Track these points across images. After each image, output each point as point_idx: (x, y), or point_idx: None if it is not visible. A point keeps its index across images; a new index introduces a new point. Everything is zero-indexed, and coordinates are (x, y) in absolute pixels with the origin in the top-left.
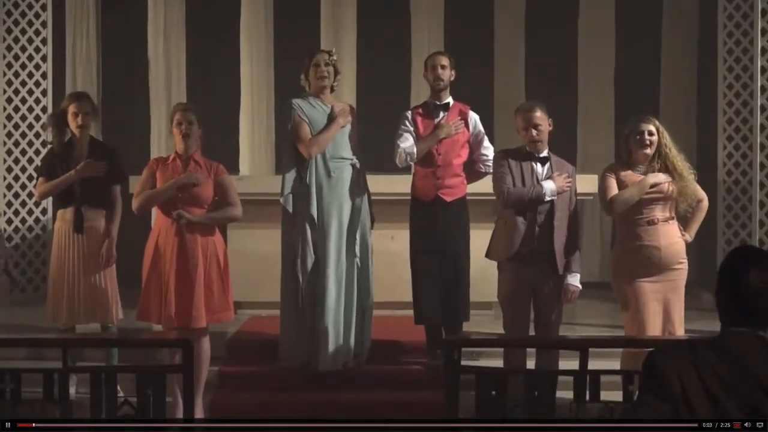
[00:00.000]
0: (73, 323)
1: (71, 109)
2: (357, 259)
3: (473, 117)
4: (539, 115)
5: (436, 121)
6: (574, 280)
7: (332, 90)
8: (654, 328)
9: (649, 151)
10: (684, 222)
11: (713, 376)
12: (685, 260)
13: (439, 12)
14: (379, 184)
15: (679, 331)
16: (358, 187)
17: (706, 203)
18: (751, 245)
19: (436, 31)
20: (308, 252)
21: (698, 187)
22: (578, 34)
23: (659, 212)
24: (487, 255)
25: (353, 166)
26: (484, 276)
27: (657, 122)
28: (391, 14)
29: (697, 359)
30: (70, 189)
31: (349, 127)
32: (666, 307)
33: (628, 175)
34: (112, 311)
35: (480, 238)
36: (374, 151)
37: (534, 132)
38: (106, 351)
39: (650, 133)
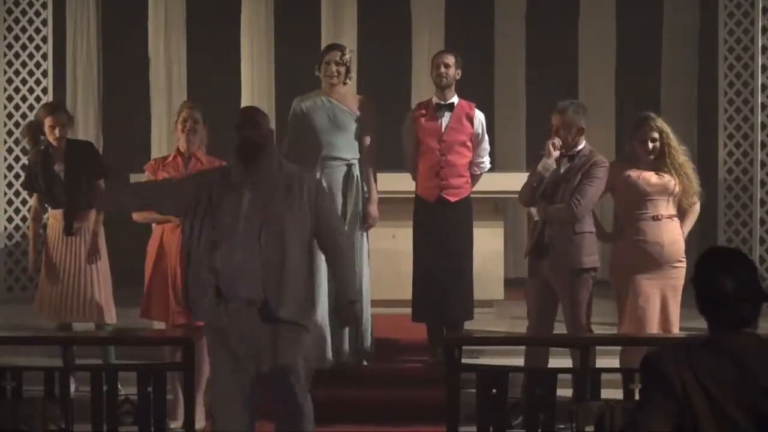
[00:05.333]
0: (57, 318)
1: (47, 122)
2: None
3: (478, 116)
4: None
5: (440, 121)
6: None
7: (345, 83)
8: (652, 324)
9: (652, 156)
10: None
11: (709, 376)
12: (685, 259)
13: (439, 8)
14: (379, 182)
15: (675, 330)
16: (351, 188)
17: (698, 207)
18: (718, 246)
19: (437, 28)
20: None
21: None
22: (579, 30)
23: (663, 209)
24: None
25: (349, 166)
26: (484, 274)
27: (660, 123)
28: (391, 10)
29: (693, 359)
30: (56, 193)
31: (354, 126)
32: (663, 305)
33: (633, 171)
34: (103, 311)
35: (481, 236)
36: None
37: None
38: (103, 349)
39: (653, 140)
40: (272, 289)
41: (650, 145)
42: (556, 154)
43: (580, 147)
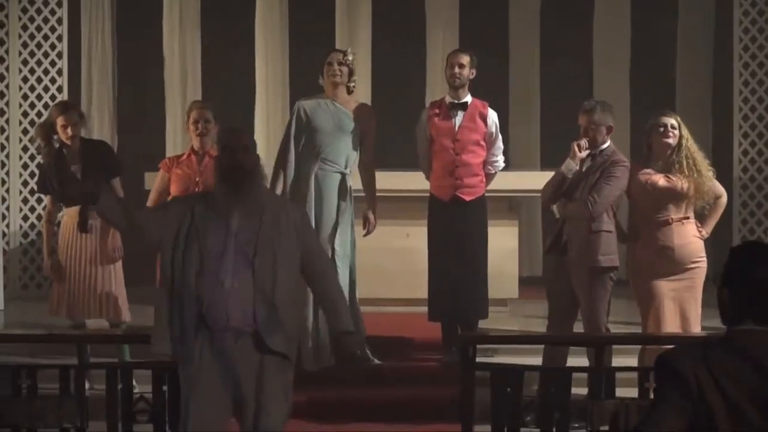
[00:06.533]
0: (73, 317)
1: (59, 121)
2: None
3: (491, 115)
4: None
5: (454, 120)
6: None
7: (350, 91)
8: (671, 327)
9: (671, 141)
10: (702, 218)
11: (726, 375)
12: (703, 258)
13: (453, 6)
14: (393, 181)
15: (695, 329)
16: (345, 198)
17: (724, 199)
18: (755, 240)
19: (451, 25)
20: None
21: (717, 184)
22: (593, 28)
23: (674, 212)
24: None
25: (343, 176)
26: (499, 273)
27: (678, 118)
28: (406, 9)
29: (709, 358)
30: (71, 192)
31: (349, 134)
32: (682, 306)
33: (645, 173)
34: (119, 309)
35: (495, 235)
36: (389, 147)
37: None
38: (117, 347)
39: (672, 127)
40: (264, 317)
41: (670, 131)
42: (581, 155)
43: (605, 146)
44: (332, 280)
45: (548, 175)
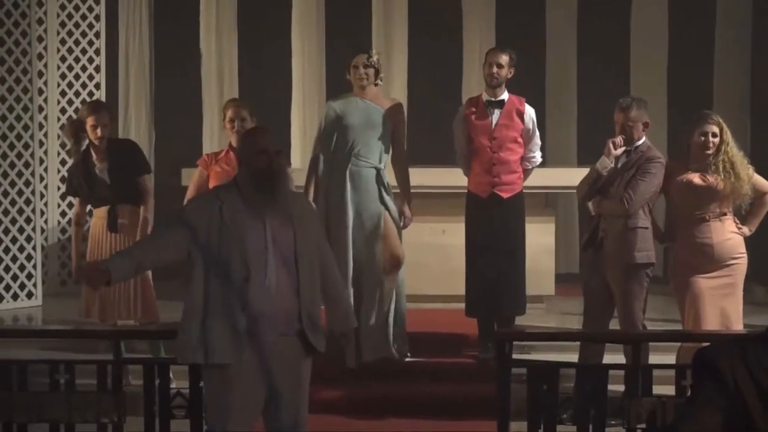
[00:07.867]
0: (105, 320)
1: (89, 121)
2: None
3: (528, 111)
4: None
5: (491, 119)
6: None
7: (376, 84)
8: (711, 324)
9: (709, 152)
10: (741, 217)
11: (764, 371)
12: (743, 255)
13: (490, 2)
14: (430, 177)
15: (736, 326)
16: (386, 191)
17: None
18: None
19: (488, 22)
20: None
21: (761, 181)
22: (631, 26)
23: (711, 209)
24: None
25: (378, 170)
26: (535, 270)
27: (721, 121)
28: (442, 6)
29: (747, 354)
30: (102, 190)
31: (380, 129)
32: (722, 303)
33: (680, 173)
34: (148, 309)
35: (532, 231)
36: (425, 143)
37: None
38: (151, 344)
39: (714, 135)
40: (308, 317)
41: (711, 139)
42: (616, 152)
43: (640, 142)
44: (337, 273)
45: (585, 171)
